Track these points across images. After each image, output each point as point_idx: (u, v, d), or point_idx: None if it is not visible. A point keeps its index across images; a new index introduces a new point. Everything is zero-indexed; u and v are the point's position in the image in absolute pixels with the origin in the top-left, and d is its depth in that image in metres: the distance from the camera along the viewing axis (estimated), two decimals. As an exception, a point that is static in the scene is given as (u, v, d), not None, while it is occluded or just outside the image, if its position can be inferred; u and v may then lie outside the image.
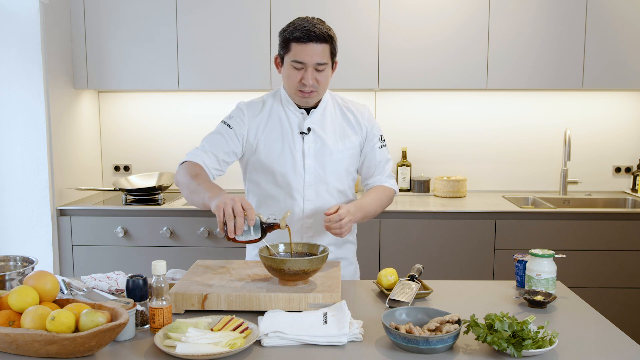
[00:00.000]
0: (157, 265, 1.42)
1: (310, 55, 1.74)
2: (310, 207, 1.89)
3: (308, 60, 1.75)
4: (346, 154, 1.91)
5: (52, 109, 2.98)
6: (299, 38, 1.73)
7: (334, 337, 1.32)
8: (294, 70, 1.78)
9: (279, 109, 1.91)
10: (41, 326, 1.26)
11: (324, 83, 1.81)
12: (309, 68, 1.76)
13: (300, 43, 1.74)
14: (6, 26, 2.88)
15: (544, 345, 1.27)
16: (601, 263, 2.95)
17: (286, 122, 1.89)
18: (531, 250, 1.69)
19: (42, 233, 2.97)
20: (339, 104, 1.95)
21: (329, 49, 1.78)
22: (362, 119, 1.95)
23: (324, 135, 1.88)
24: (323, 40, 1.75)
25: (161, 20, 3.14)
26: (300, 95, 1.82)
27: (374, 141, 1.96)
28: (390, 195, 1.98)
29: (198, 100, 3.52)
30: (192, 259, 2.91)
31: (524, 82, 3.14)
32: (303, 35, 1.73)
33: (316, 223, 1.89)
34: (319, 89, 1.81)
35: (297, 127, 1.88)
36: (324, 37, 1.75)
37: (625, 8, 3.07)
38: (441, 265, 2.95)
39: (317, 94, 1.83)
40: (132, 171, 3.58)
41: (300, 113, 1.89)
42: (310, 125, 1.88)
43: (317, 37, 1.73)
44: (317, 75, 1.78)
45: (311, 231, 1.90)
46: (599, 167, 3.50)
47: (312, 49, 1.74)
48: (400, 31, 3.11)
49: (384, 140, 2.00)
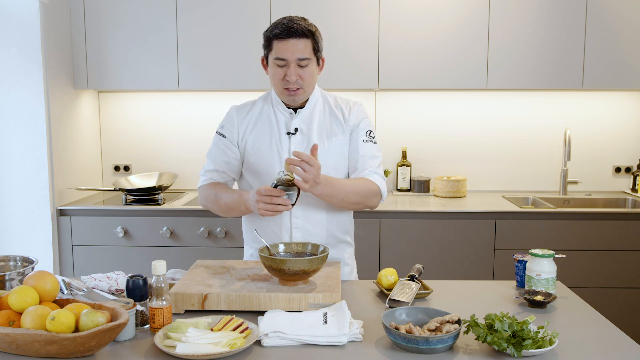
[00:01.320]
0: (157, 265, 1.42)
1: (291, 51, 1.75)
2: (298, 207, 1.88)
3: (289, 56, 1.76)
4: (333, 153, 1.88)
5: (52, 109, 2.98)
6: (279, 35, 1.75)
7: (334, 337, 1.32)
8: (277, 68, 1.79)
9: (269, 109, 1.92)
10: (41, 326, 1.26)
11: (308, 79, 1.80)
12: (291, 64, 1.76)
13: (281, 40, 1.75)
14: (6, 26, 2.88)
15: (544, 345, 1.27)
16: (601, 263, 2.95)
17: (275, 122, 1.89)
18: (531, 250, 1.69)
19: (42, 233, 2.97)
20: (330, 103, 1.94)
21: (310, 45, 1.78)
22: (349, 115, 1.91)
23: (311, 135, 1.87)
24: (303, 35, 1.76)
25: (161, 21, 3.14)
26: (287, 93, 1.82)
27: (359, 134, 1.89)
28: (371, 187, 1.84)
29: (198, 100, 3.52)
30: (192, 259, 2.91)
31: (524, 82, 3.14)
32: (282, 32, 1.75)
33: (304, 223, 1.89)
34: (304, 85, 1.81)
35: (284, 127, 1.88)
36: (303, 32, 1.76)
37: (625, 8, 3.07)
38: (441, 265, 2.95)
39: (304, 91, 1.82)
40: (132, 171, 3.58)
41: (288, 113, 1.89)
42: (298, 125, 1.88)
43: (296, 33, 1.75)
44: (300, 72, 1.78)
45: (299, 231, 1.89)
46: (599, 167, 3.50)
47: (293, 45, 1.75)
48: (400, 31, 3.11)
49: (373, 136, 1.92)
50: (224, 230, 2.96)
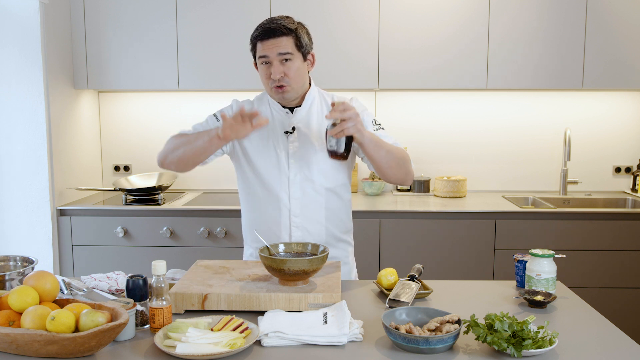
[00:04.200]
0: (157, 265, 1.42)
1: (270, 48, 1.78)
2: (297, 205, 1.88)
3: (269, 53, 1.78)
4: None
5: (52, 109, 2.98)
6: (257, 36, 1.80)
7: (334, 337, 1.32)
8: (263, 67, 1.82)
9: (265, 109, 1.92)
10: (41, 326, 1.26)
11: (294, 76, 1.81)
12: (274, 61, 1.78)
13: (261, 41, 1.79)
14: (6, 26, 2.88)
15: (544, 345, 1.27)
16: (601, 263, 2.95)
17: (271, 122, 1.90)
18: (531, 250, 1.69)
19: (42, 233, 2.97)
20: (327, 101, 1.94)
21: (292, 41, 1.80)
22: None
23: (309, 133, 1.88)
24: (282, 33, 1.78)
25: (161, 20, 3.14)
26: (276, 91, 1.83)
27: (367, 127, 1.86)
28: (402, 152, 1.83)
29: (198, 100, 3.52)
30: (192, 259, 2.91)
31: (524, 82, 3.14)
32: (261, 32, 1.79)
33: (304, 222, 1.89)
34: (290, 82, 1.81)
35: (281, 127, 1.89)
36: (282, 31, 1.78)
37: (625, 8, 3.07)
38: (441, 265, 2.95)
39: (291, 88, 1.82)
40: (132, 171, 3.58)
41: (284, 112, 1.89)
42: (295, 124, 1.88)
43: (275, 32, 1.77)
44: (284, 68, 1.79)
45: (299, 230, 1.89)
46: (599, 167, 3.50)
47: (273, 43, 1.78)
48: (400, 31, 3.11)
49: (379, 123, 1.93)
50: (224, 230, 2.96)
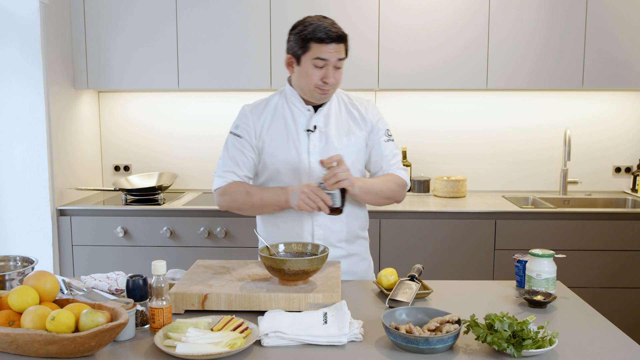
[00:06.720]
0: (157, 265, 1.42)
1: (332, 53, 1.80)
2: None
3: (330, 57, 1.80)
4: (351, 150, 1.91)
5: (52, 109, 2.98)
6: (322, 39, 1.79)
7: (334, 337, 1.32)
8: (315, 69, 1.81)
9: (283, 107, 1.92)
10: (41, 326, 1.26)
11: (340, 80, 1.86)
12: (330, 65, 1.80)
13: (322, 43, 1.79)
14: (6, 26, 2.88)
15: (544, 345, 1.27)
16: (601, 263, 2.95)
17: (291, 120, 1.90)
18: (531, 250, 1.69)
19: (42, 233, 2.97)
20: (344, 100, 1.97)
21: (345, 48, 1.85)
22: (366, 113, 1.96)
23: (329, 132, 1.89)
24: (343, 40, 1.83)
25: (161, 20, 3.14)
26: (319, 92, 1.84)
27: (379, 135, 1.95)
28: (399, 181, 1.93)
29: (198, 100, 3.52)
30: (192, 259, 2.91)
31: (524, 82, 3.14)
32: (327, 36, 1.79)
33: (326, 220, 1.89)
34: (336, 86, 1.87)
35: (302, 125, 1.89)
36: (343, 37, 1.83)
37: (625, 8, 3.07)
38: (441, 265, 2.95)
39: (334, 91, 1.88)
40: (132, 171, 3.58)
41: (307, 110, 1.90)
42: (317, 123, 1.89)
43: (340, 38, 1.81)
44: (336, 73, 1.83)
45: (321, 229, 1.90)
46: (599, 167, 3.50)
47: (335, 48, 1.80)
48: (400, 31, 3.11)
49: (391, 135, 1.99)
50: (224, 230, 2.96)
